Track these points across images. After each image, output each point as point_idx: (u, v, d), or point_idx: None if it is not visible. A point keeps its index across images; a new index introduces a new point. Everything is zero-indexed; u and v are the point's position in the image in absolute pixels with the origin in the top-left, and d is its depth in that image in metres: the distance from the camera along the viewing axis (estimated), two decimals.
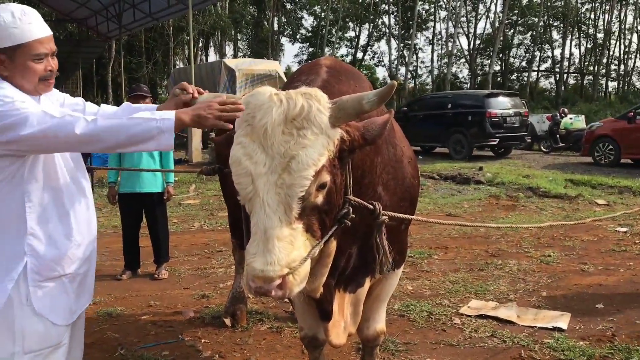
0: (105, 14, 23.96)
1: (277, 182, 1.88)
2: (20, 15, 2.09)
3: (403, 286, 5.03)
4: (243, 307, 4.27)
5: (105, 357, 3.72)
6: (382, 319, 3.03)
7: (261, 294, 1.86)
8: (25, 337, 2.12)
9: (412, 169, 2.87)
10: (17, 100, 2.01)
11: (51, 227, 2.17)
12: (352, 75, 2.72)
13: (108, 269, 5.80)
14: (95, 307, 4.64)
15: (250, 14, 45.55)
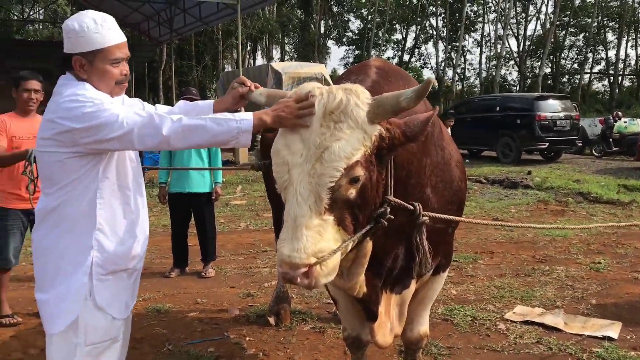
0: (157, 19, 24.61)
1: (310, 171, 1.92)
2: (101, 22, 2.18)
3: (447, 290, 5.00)
4: (287, 306, 4.34)
5: (154, 351, 3.84)
6: (426, 322, 3.04)
7: (288, 279, 1.91)
8: (87, 329, 2.20)
9: (460, 172, 2.86)
10: (105, 102, 2.11)
11: (117, 223, 2.26)
12: (400, 76, 2.74)
13: (157, 267, 5.97)
14: (144, 303, 4.80)
15: (297, 17, 45.90)
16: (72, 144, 2.11)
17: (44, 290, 2.26)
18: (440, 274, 2.98)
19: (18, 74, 4.51)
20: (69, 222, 2.21)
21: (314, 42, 44.08)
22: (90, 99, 2.10)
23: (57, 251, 2.22)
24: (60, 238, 2.22)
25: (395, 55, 48.64)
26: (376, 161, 2.05)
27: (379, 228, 2.17)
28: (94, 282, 2.20)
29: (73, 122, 2.07)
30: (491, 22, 44.40)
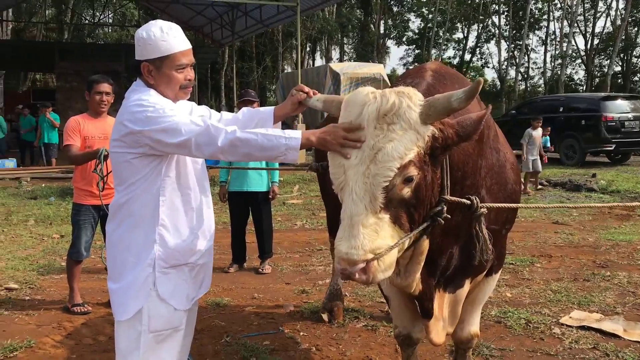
0: (220, 22, 25.21)
1: (365, 172, 2.00)
2: (167, 30, 2.34)
3: (502, 293, 4.97)
4: (340, 304, 4.44)
5: (213, 342, 4.02)
6: (477, 323, 3.06)
7: (346, 276, 1.99)
8: (150, 317, 2.36)
9: (515, 174, 2.89)
10: (167, 108, 2.26)
11: (178, 219, 2.40)
12: (456, 79, 2.77)
13: (217, 262, 6.16)
14: (205, 297, 4.98)
15: (356, 17, 45.92)
16: (136, 145, 2.27)
17: (114, 280, 2.45)
18: (493, 275, 3.01)
19: (91, 78, 4.79)
20: (134, 217, 2.37)
21: (373, 42, 44.00)
22: (152, 104, 2.25)
23: (124, 244, 2.40)
24: (126, 232, 2.39)
25: (456, 55, 47.91)
26: (430, 161, 2.11)
27: (435, 226, 2.23)
28: (156, 275, 2.35)
29: (136, 125, 2.24)
30: (557, 19, 42.98)
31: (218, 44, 28.47)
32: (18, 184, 13.17)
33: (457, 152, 2.29)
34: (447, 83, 2.64)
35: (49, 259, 6.37)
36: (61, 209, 9.54)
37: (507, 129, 17.36)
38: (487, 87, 48.99)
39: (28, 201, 10.78)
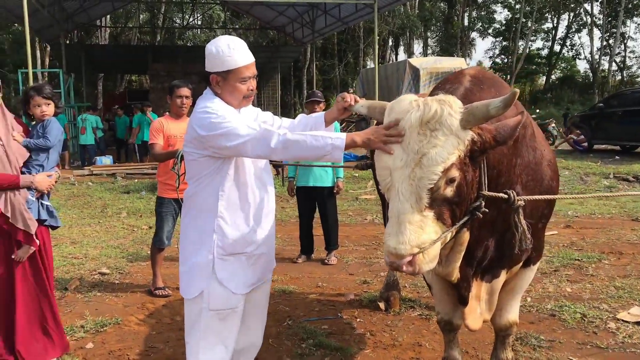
0: (301, 21, 25.82)
1: (410, 175, 2.22)
2: (233, 47, 2.67)
3: (562, 288, 5.01)
4: (396, 293, 4.67)
5: (276, 325, 4.37)
6: (515, 311, 3.21)
7: (394, 268, 2.23)
8: (210, 297, 2.70)
9: (551, 171, 3.01)
10: (227, 114, 2.60)
11: (235, 212, 2.72)
12: (493, 84, 2.92)
13: (287, 253, 6.58)
14: (273, 285, 5.33)
15: (440, 10, 45.27)
16: (202, 147, 2.63)
17: (182, 263, 2.83)
18: (531, 266, 3.15)
19: (172, 83, 5.28)
20: (198, 209, 2.74)
21: (456, 35, 43.22)
22: (216, 112, 2.59)
23: (189, 232, 2.78)
24: (192, 221, 2.77)
25: (545, 46, 46.27)
26: (470, 162, 2.31)
27: (474, 220, 2.44)
28: (215, 260, 2.69)
29: (202, 129, 2.59)
30: None
31: (299, 43, 29.11)
32: (113, 179, 14.26)
33: (493, 152, 2.48)
34: (484, 88, 2.79)
35: (137, 247, 7.00)
36: (151, 203, 10.29)
37: (595, 123, 16.80)
38: (580, 79, 46.81)
39: (122, 195, 11.68)
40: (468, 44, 45.87)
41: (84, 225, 8.59)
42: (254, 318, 2.99)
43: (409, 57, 40.15)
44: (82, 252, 6.73)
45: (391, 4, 20.44)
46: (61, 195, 11.72)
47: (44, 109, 3.72)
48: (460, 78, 2.88)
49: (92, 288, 5.36)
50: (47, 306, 3.67)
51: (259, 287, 2.93)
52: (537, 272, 5.42)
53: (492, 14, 45.58)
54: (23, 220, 3.45)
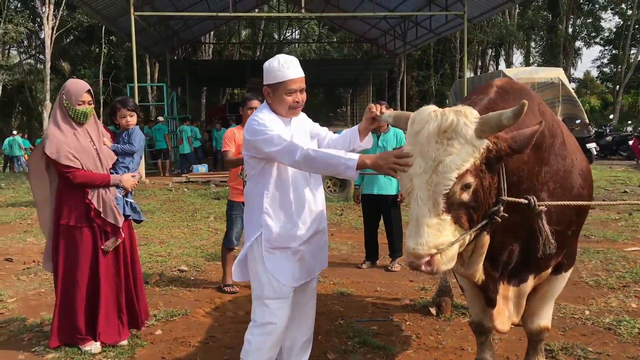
0: (393, 33, 26.03)
1: (427, 180, 2.38)
2: (284, 63, 3.00)
3: (627, 303, 4.85)
4: (448, 299, 4.75)
5: (328, 323, 4.60)
6: (547, 317, 3.24)
7: (414, 267, 2.38)
8: (264, 286, 3.03)
9: (583, 180, 3.05)
10: (270, 123, 2.94)
11: (278, 209, 3.03)
12: (519, 94, 3.00)
13: (354, 259, 6.80)
14: (333, 287, 5.63)
15: (543, 19, 43.63)
16: (248, 149, 3.01)
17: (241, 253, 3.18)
18: (562, 273, 3.18)
19: (245, 96, 5.71)
20: (250, 205, 3.12)
21: (560, 45, 41.42)
22: (263, 120, 2.95)
23: (247, 226, 3.16)
24: (246, 216, 3.17)
25: None
26: (487, 169, 2.44)
27: (493, 224, 2.56)
28: (263, 252, 3.01)
29: (249, 134, 2.98)
30: None
31: (392, 54, 29.26)
32: (207, 186, 15.13)
33: (512, 160, 2.59)
34: (509, 98, 2.88)
35: (216, 248, 7.48)
36: None
37: None
38: None
39: (212, 201, 12.42)
40: (573, 53, 43.80)
41: (174, 227, 9.28)
42: (303, 314, 3.29)
43: (507, 67, 39.00)
44: (166, 251, 7.32)
45: (483, 15, 20.14)
46: (158, 200, 12.66)
47: (129, 119, 4.29)
48: (488, 89, 2.99)
49: (170, 283, 5.86)
50: (122, 294, 4.15)
51: (307, 283, 3.20)
52: (604, 287, 5.30)
53: (599, 21, 43.18)
54: (113, 214, 4.01)
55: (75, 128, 3.98)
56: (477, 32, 36.29)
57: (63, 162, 3.84)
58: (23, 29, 31.95)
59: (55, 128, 3.94)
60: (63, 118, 3.97)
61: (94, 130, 4.09)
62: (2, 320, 4.78)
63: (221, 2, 23.19)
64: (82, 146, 3.95)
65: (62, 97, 3.99)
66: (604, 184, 13.46)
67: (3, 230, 9.38)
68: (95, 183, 3.95)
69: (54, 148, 3.85)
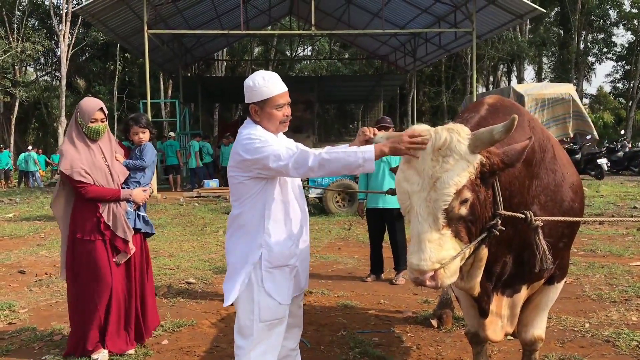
0: (403, 50, 26.24)
1: (426, 197, 2.47)
2: (268, 79, 3.04)
3: (627, 317, 4.88)
4: (449, 311, 4.82)
5: (330, 334, 4.68)
6: (541, 327, 3.30)
7: (418, 283, 2.46)
8: (260, 309, 2.99)
9: (573, 193, 3.14)
10: (270, 140, 2.95)
11: (280, 228, 3.03)
12: (509, 111, 3.04)
13: (360, 272, 6.89)
14: (337, 299, 5.72)
15: (555, 35, 43.72)
16: (248, 170, 2.95)
17: (229, 278, 3.08)
18: (555, 284, 3.26)
19: None
20: (244, 228, 3.03)
21: (571, 61, 41.43)
22: (259, 137, 2.92)
23: (236, 249, 3.04)
24: (238, 239, 3.05)
25: None
26: (481, 183, 2.54)
27: (492, 237, 2.66)
28: (263, 273, 2.97)
29: (247, 154, 2.91)
30: None
31: (403, 71, 29.46)
32: (218, 201, 15.29)
33: (504, 174, 2.70)
34: (499, 115, 2.97)
35: (224, 262, 7.58)
36: None
37: None
38: None
39: (222, 215, 12.56)
40: (585, 69, 43.76)
41: (184, 241, 9.42)
42: (295, 323, 3.27)
43: (519, 82, 39.04)
44: (175, 264, 7.45)
45: (491, 32, 20.29)
46: (169, 214, 12.83)
47: (141, 136, 4.44)
48: (479, 107, 3.10)
49: (178, 295, 5.98)
50: (132, 305, 4.27)
51: (297, 297, 3.22)
52: (606, 300, 5.35)
53: (610, 37, 43.15)
54: (122, 228, 4.13)
55: (89, 145, 4.14)
56: (489, 48, 36.41)
57: (76, 177, 4.00)
58: (40, 47, 32.57)
59: (70, 145, 4.11)
60: (77, 135, 4.14)
61: (106, 146, 4.25)
62: (14, 330, 4.92)
63: (234, 20, 23.55)
64: (94, 162, 4.10)
65: (77, 115, 4.16)
66: (614, 199, 13.43)
67: (17, 244, 9.58)
68: (106, 197, 4.09)
69: (68, 165, 4.02)
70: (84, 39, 34.72)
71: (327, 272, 6.96)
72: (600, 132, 34.25)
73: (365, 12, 23.36)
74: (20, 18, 33.74)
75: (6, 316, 5.33)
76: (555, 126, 19.01)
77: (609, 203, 12.67)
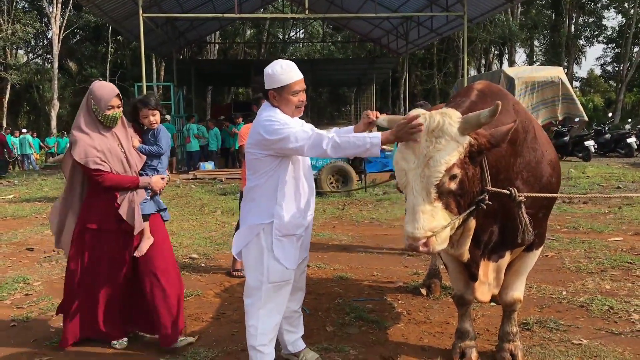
0: (395, 33, 26.45)
1: (420, 174, 2.82)
2: (285, 67, 3.34)
3: (601, 285, 5.27)
4: (437, 281, 5.20)
5: (328, 302, 5.05)
6: (519, 289, 3.68)
7: (412, 249, 2.81)
8: (269, 272, 3.36)
9: (551, 169, 3.50)
10: (288, 122, 3.28)
11: (290, 202, 3.37)
12: (497, 96, 3.40)
13: (354, 248, 7.25)
14: (333, 272, 6.08)
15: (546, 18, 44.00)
16: (266, 149, 3.28)
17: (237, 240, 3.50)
18: (534, 251, 3.64)
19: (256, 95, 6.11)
20: (258, 198, 3.37)
21: (562, 44, 41.77)
22: (278, 120, 3.26)
23: (249, 217, 3.40)
24: (252, 208, 3.40)
25: None
26: (470, 161, 2.88)
27: (479, 210, 3.00)
28: (273, 240, 3.33)
29: (267, 134, 3.23)
30: None
31: (395, 54, 29.68)
32: (214, 183, 15.60)
33: (491, 154, 3.04)
34: (487, 100, 3.31)
35: (224, 239, 7.95)
36: None
37: None
38: None
39: (219, 196, 12.88)
40: (575, 52, 44.14)
41: (183, 220, 9.75)
42: (297, 287, 3.65)
43: (510, 65, 39.37)
44: (177, 242, 7.78)
45: (483, 15, 20.53)
46: (166, 196, 13.12)
47: (151, 119, 4.16)
48: (469, 92, 3.45)
49: (182, 269, 6.30)
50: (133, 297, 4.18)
51: (301, 262, 3.60)
52: (583, 272, 5.74)
53: (601, 20, 43.48)
54: (134, 219, 3.90)
55: (102, 132, 3.94)
56: (480, 31, 36.65)
57: (91, 166, 3.81)
58: (31, 29, 32.51)
59: (81, 133, 3.88)
60: (89, 122, 3.92)
61: (122, 132, 4.05)
62: (32, 301, 5.26)
63: (227, 3, 23.64)
64: (110, 149, 3.91)
65: (90, 102, 3.92)
66: (599, 180, 13.86)
67: (21, 224, 9.88)
68: (124, 186, 3.91)
69: (82, 153, 3.81)
70: (75, 21, 34.64)
71: (323, 248, 7.32)
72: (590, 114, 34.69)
73: None
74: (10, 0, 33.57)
75: (22, 288, 5.68)
76: (544, 109, 19.37)
77: (594, 184, 13.08)
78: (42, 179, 17.72)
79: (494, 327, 4.30)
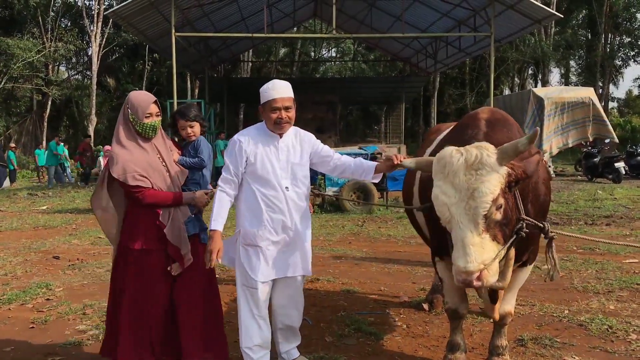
0: (425, 52, 26.59)
1: (465, 207, 2.85)
2: (271, 86, 3.63)
3: (606, 305, 5.28)
4: (439, 296, 5.28)
5: (331, 314, 5.19)
6: (511, 303, 3.79)
7: (466, 284, 2.82)
8: (240, 274, 3.67)
9: (546, 188, 3.64)
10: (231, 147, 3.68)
11: (251, 214, 3.60)
12: (504, 124, 3.59)
13: (366, 265, 7.37)
14: (342, 285, 6.23)
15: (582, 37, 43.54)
16: None
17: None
18: (527, 266, 3.77)
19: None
20: (237, 209, 3.71)
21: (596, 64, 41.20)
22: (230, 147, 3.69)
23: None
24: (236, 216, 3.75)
25: None
26: (508, 190, 2.97)
27: (519, 239, 3.07)
28: (240, 247, 3.64)
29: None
30: None
31: (425, 73, 29.78)
32: None
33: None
34: (498, 128, 3.50)
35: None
36: None
37: None
38: None
39: None
40: (612, 73, 43.46)
41: None
42: (289, 305, 3.82)
43: (543, 86, 39.00)
44: None
45: (511, 35, 20.54)
46: None
47: (189, 130, 3.84)
48: (477, 123, 3.57)
49: None
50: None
51: (286, 281, 3.73)
52: (590, 292, 5.76)
53: (637, 40, 42.74)
54: (179, 238, 3.59)
55: (142, 144, 3.64)
56: (512, 51, 36.48)
57: (131, 182, 3.50)
58: (72, 46, 33.71)
59: (119, 147, 3.59)
60: (128, 135, 3.63)
61: (162, 145, 3.74)
62: (52, 305, 5.56)
63: (259, 22, 24.17)
64: (150, 163, 3.61)
65: (127, 111, 3.63)
66: (627, 202, 13.63)
67: (51, 233, 10.31)
68: (167, 203, 3.58)
69: (120, 169, 3.50)
70: (114, 39, 35.79)
71: (336, 263, 7.47)
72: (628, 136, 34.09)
73: (387, 15, 23.75)
74: (54, 18, 34.92)
75: (44, 293, 5.99)
76: (574, 130, 19.22)
77: (620, 205, 12.89)
78: (75, 192, 18.30)
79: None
